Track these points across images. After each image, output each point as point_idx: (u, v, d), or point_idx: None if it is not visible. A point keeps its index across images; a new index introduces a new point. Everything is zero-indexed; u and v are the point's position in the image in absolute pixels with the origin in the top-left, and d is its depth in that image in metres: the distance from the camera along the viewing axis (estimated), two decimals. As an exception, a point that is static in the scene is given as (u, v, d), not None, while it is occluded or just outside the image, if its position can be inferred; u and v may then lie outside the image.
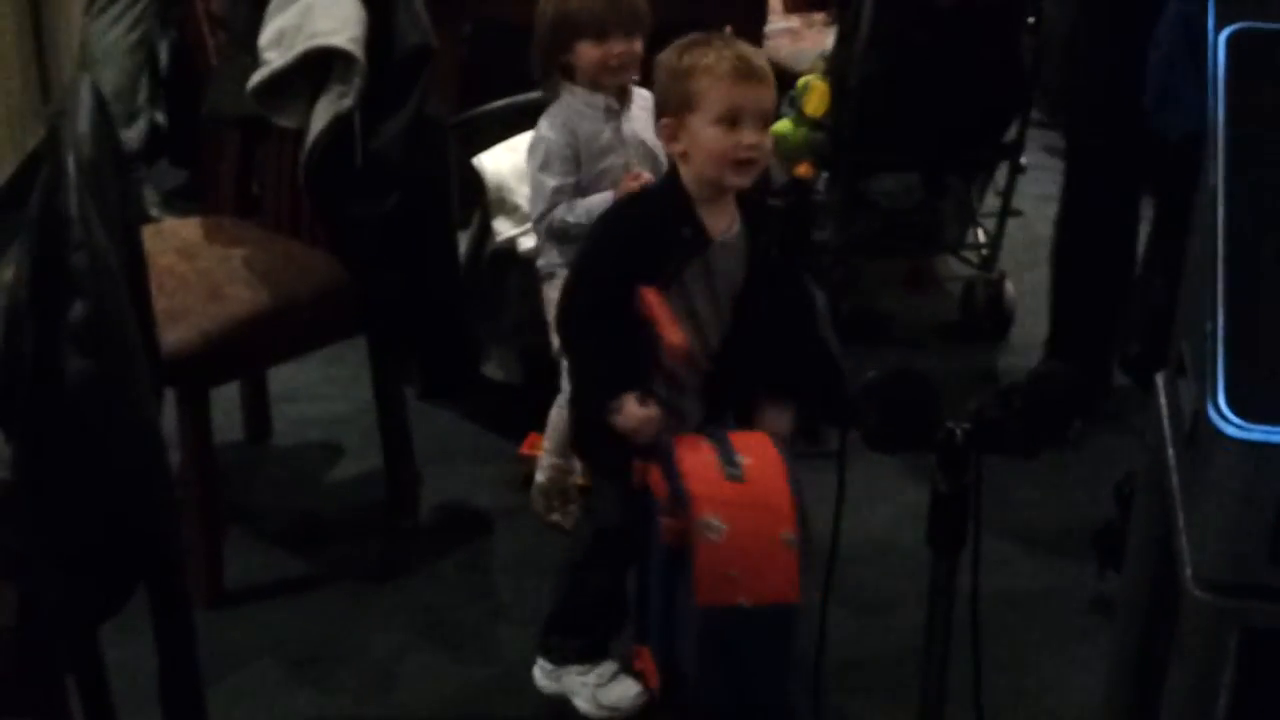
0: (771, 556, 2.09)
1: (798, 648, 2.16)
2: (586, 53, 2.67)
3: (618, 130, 2.72)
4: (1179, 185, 3.03)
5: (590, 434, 2.36)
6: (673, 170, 2.31)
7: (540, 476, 2.95)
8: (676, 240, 2.26)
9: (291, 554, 2.87)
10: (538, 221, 2.74)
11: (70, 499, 1.86)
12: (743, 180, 2.25)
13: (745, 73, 2.21)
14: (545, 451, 2.94)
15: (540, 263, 2.84)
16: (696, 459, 2.14)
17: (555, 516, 2.92)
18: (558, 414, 2.87)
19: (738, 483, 2.10)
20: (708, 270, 2.29)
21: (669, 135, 2.27)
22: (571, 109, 2.72)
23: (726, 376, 2.34)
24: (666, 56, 2.30)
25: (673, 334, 2.14)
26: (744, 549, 2.09)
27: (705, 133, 2.21)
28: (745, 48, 2.28)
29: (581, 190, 2.69)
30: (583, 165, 2.70)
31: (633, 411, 2.19)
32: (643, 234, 2.29)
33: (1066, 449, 3.15)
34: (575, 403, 2.46)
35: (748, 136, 2.20)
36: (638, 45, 2.67)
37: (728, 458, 2.13)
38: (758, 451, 2.16)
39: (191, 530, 2.65)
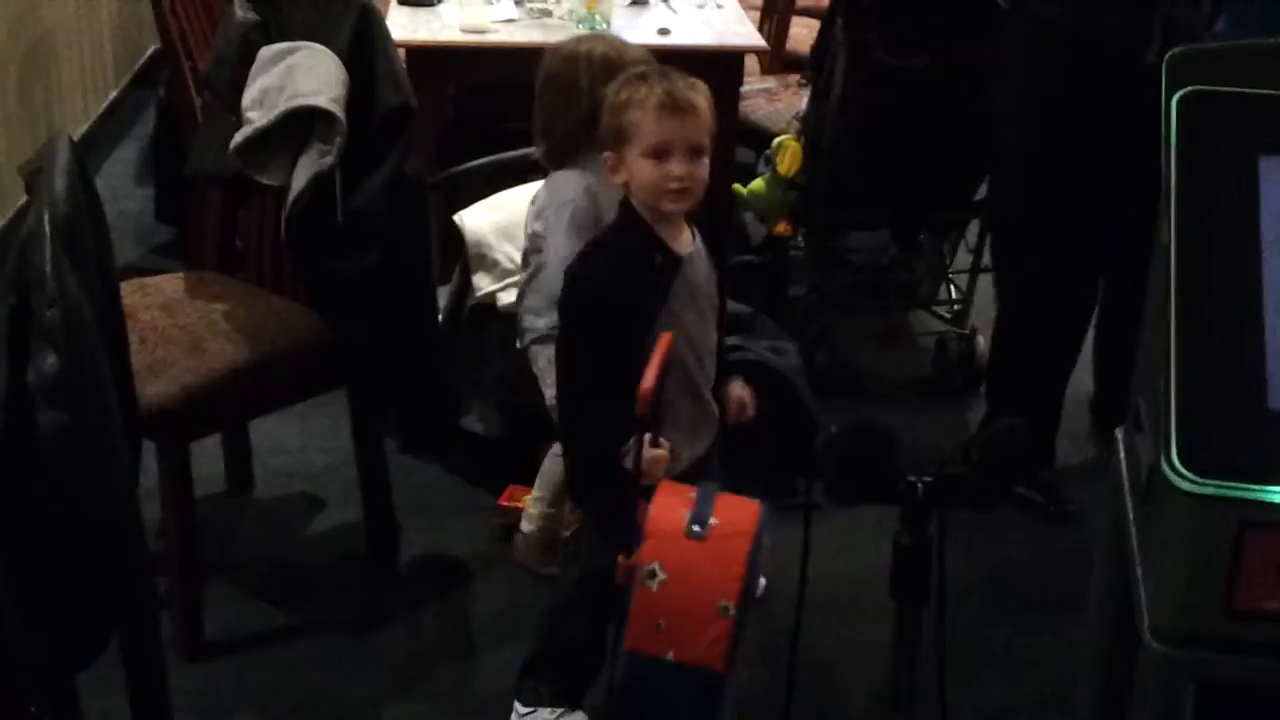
0: (704, 620, 2.06)
1: (727, 717, 2.13)
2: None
3: None
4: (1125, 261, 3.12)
5: (589, 480, 2.39)
6: (626, 203, 2.36)
7: (529, 526, 2.96)
8: (651, 268, 2.31)
9: (271, 605, 2.89)
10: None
11: (42, 549, 1.88)
12: (678, 207, 2.32)
13: (672, 107, 2.27)
14: (536, 501, 2.94)
15: (540, 324, 2.74)
16: (667, 506, 2.14)
17: (551, 568, 2.91)
18: (552, 463, 2.88)
19: (695, 540, 2.08)
20: (688, 286, 2.34)
21: (611, 167, 2.34)
22: (593, 176, 2.67)
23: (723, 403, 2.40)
24: (609, 91, 2.38)
25: (647, 379, 2.16)
26: (678, 605, 2.07)
27: (637, 165, 2.28)
28: (678, 82, 2.32)
29: None
30: (602, 226, 2.62)
31: (647, 455, 2.19)
32: (618, 271, 2.32)
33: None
34: (573, 450, 2.46)
35: (676, 168, 2.27)
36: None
37: (700, 515, 2.11)
38: (735, 520, 2.12)
39: (171, 582, 2.68)
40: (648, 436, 2.16)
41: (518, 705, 2.53)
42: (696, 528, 2.08)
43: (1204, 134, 1.89)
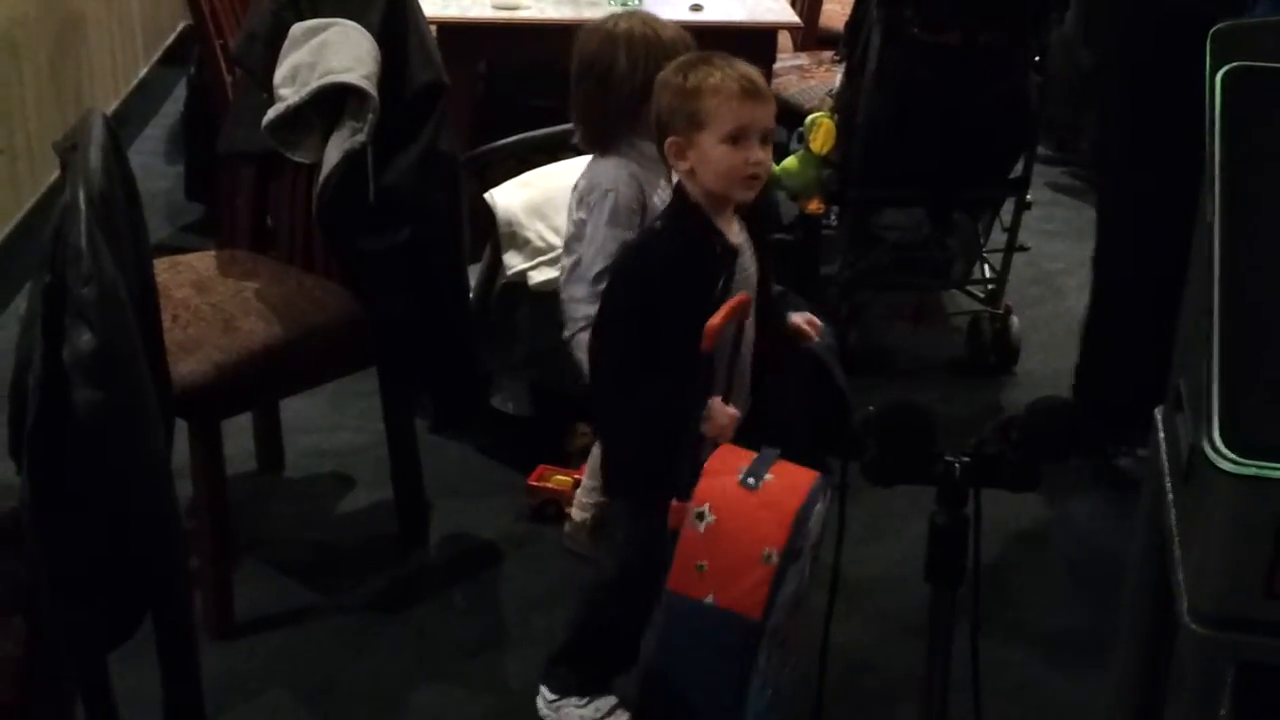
0: (746, 565, 2.08)
1: (758, 673, 2.13)
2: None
3: (668, 174, 2.69)
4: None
5: (635, 470, 2.39)
6: (680, 193, 2.34)
7: (580, 514, 2.94)
8: (714, 257, 2.30)
9: (302, 584, 2.89)
10: (596, 280, 2.60)
11: (78, 528, 1.88)
12: (749, 194, 2.32)
13: (752, 92, 2.27)
14: (588, 490, 2.92)
15: (587, 312, 2.61)
16: (726, 460, 2.16)
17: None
18: (601, 452, 2.86)
19: (748, 490, 2.11)
20: (742, 276, 2.34)
21: (676, 153, 2.31)
22: (635, 163, 2.66)
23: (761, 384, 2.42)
24: (669, 76, 2.35)
25: (715, 318, 2.17)
26: (722, 547, 2.09)
27: (715, 151, 2.27)
28: (746, 66, 2.32)
29: None
30: (648, 213, 2.63)
31: (721, 411, 2.25)
32: (682, 262, 2.31)
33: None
34: (617, 440, 2.46)
35: (754, 154, 2.27)
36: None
37: (756, 470, 2.13)
38: (791, 480, 2.14)
39: (203, 560, 2.68)
40: (718, 398, 2.19)
41: (545, 691, 2.52)
42: (751, 480, 2.11)
43: (1249, 110, 1.86)
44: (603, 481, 2.68)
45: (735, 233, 2.35)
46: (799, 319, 2.55)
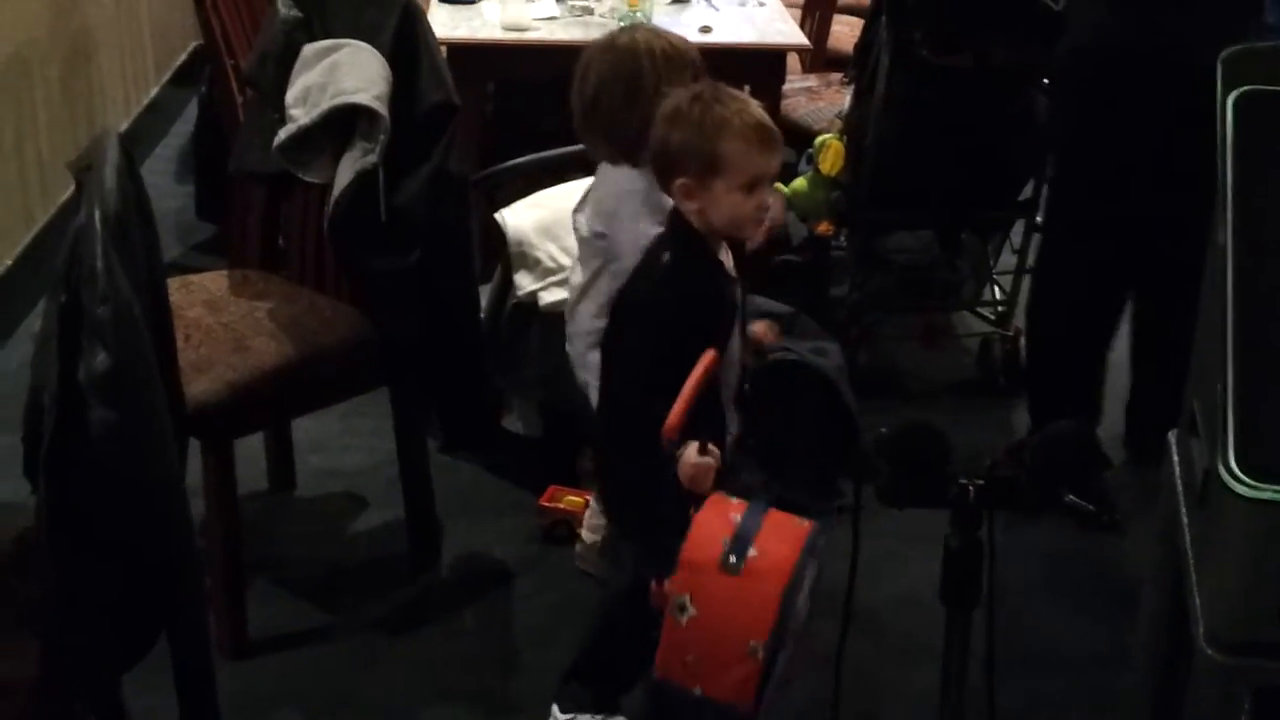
0: (733, 660, 2.00)
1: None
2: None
3: None
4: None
5: (624, 494, 2.38)
6: (683, 225, 2.29)
7: (591, 536, 2.93)
8: (718, 281, 2.29)
9: (313, 604, 2.89)
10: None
11: (92, 548, 1.88)
12: (758, 235, 2.32)
13: (770, 141, 2.25)
14: (598, 511, 2.90)
15: (601, 323, 2.60)
16: (707, 531, 2.05)
17: None
18: (599, 481, 2.85)
19: (729, 574, 2.00)
20: (733, 310, 2.33)
21: (685, 194, 2.25)
22: (647, 177, 2.58)
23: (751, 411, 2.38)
24: (683, 110, 2.27)
25: (675, 411, 2.09)
26: (706, 641, 2.01)
27: (729, 198, 2.23)
28: (758, 108, 2.27)
29: None
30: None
31: (691, 459, 2.13)
32: (702, 298, 2.28)
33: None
34: (617, 466, 2.43)
35: (766, 199, 2.26)
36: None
37: (740, 544, 2.02)
38: (776, 552, 2.02)
39: (215, 580, 2.68)
40: (694, 444, 2.10)
41: (556, 711, 2.52)
42: (733, 559, 2.00)
43: (1260, 133, 1.87)
44: (602, 507, 2.67)
45: (730, 261, 2.34)
46: (758, 327, 2.47)
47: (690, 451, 2.13)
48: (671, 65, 2.60)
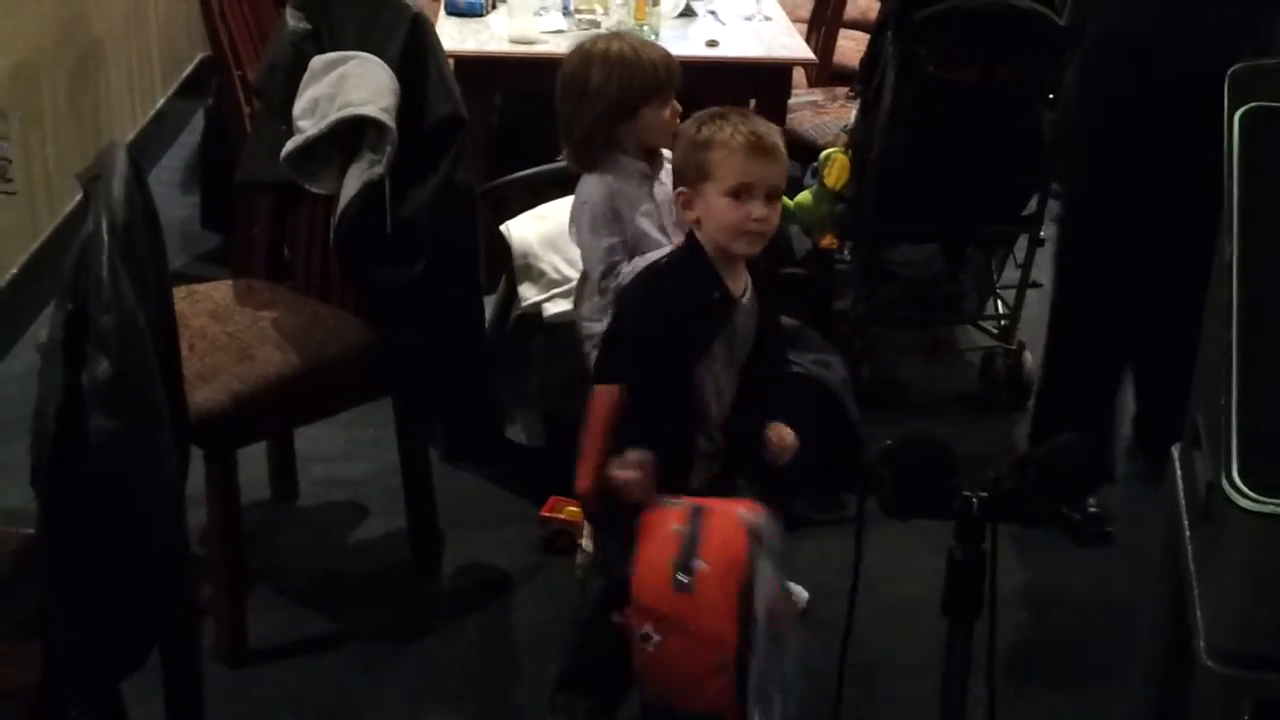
0: (705, 676, 2.04)
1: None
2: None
3: (651, 192, 2.74)
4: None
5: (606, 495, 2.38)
6: (691, 237, 2.36)
7: (591, 544, 2.94)
8: (708, 304, 2.32)
9: (315, 613, 2.90)
10: (602, 280, 2.66)
11: (92, 556, 1.88)
12: (750, 249, 2.32)
13: (759, 149, 2.28)
14: None
15: (597, 327, 2.67)
16: (653, 554, 2.09)
17: None
18: None
19: (684, 593, 2.03)
20: (734, 330, 2.34)
21: (684, 203, 2.34)
22: (614, 177, 2.70)
23: (735, 441, 2.39)
24: (686, 128, 2.38)
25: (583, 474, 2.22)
26: (676, 667, 2.06)
27: (717, 203, 2.28)
28: (760, 124, 2.33)
29: (629, 251, 2.68)
30: (626, 224, 2.67)
31: (617, 471, 2.22)
32: (678, 302, 2.33)
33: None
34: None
35: (756, 210, 2.28)
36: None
37: (686, 559, 2.05)
38: (724, 558, 2.05)
39: (216, 588, 2.68)
40: (623, 457, 2.18)
41: None
42: (682, 577, 2.04)
43: (1266, 150, 1.88)
44: (582, 507, 2.68)
45: (740, 290, 2.35)
46: (779, 434, 2.42)
47: (620, 461, 2.21)
48: (627, 73, 2.65)
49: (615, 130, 2.68)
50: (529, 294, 3.17)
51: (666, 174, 2.73)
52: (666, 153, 2.68)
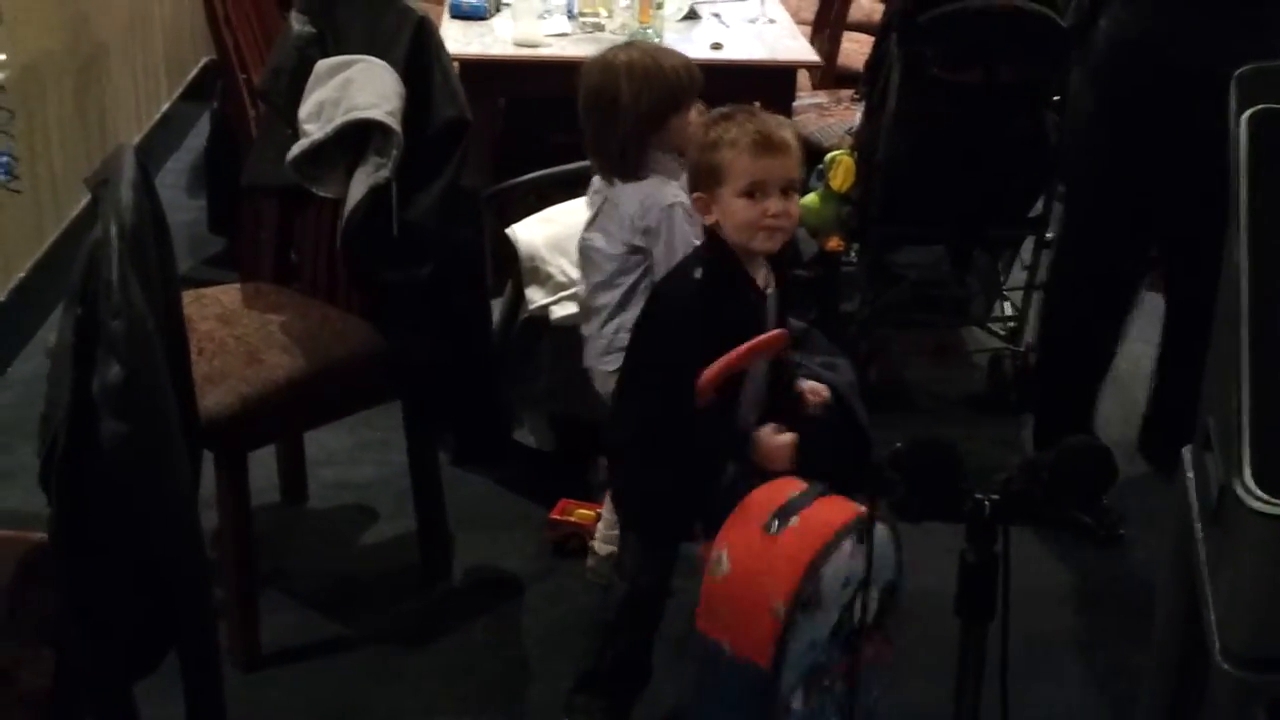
0: (755, 617, 2.10)
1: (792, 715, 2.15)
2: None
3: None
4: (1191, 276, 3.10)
5: (648, 501, 2.42)
6: (714, 237, 2.37)
7: (604, 548, 2.93)
8: (748, 302, 2.34)
9: (325, 616, 2.90)
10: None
11: (104, 560, 1.89)
12: (771, 245, 2.35)
13: (765, 146, 2.30)
14: (610, 524, 2.91)
15: (610, 366, 2.73)
16: (760, 498, 2.18)
17: None
18: (613, 486, 2.86)
19: (768, 535, 2.12)
20: (760, 326, 2.35)
21: (701, 207, 2.36)
22: (658, 174, 2.71)
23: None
24: (694, 132, 2.41)
25: (714, 368, 2.20)
26: (735, 597, 2.13)
27: (732, 204, 2.30)
28: (767, 120, 2.35)
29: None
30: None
31: (767, 441, 2.29)
32: (716, 298, 2.34)
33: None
34: (632, 469, 2.48)
35: (772, 205, 2.30)
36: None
37: (785, 514, 2.15)
38: (817, 524, 2.14)
39: (227, 592, 2.68)
40: (771, 425, 2.24)
41: None
42: (775, 524, 2.12)
43: (1274, 153, 1.87)
44: (616, 514, 2.69)
45: (764, 282, 2.39)
46: (807, 386, 2.53)
47: (766, 431, 2.29)
48: (653, 84, 2.66)
49: (647, 141, 2.70)
50: (536, 297, 3.17)
51: None
52: None
